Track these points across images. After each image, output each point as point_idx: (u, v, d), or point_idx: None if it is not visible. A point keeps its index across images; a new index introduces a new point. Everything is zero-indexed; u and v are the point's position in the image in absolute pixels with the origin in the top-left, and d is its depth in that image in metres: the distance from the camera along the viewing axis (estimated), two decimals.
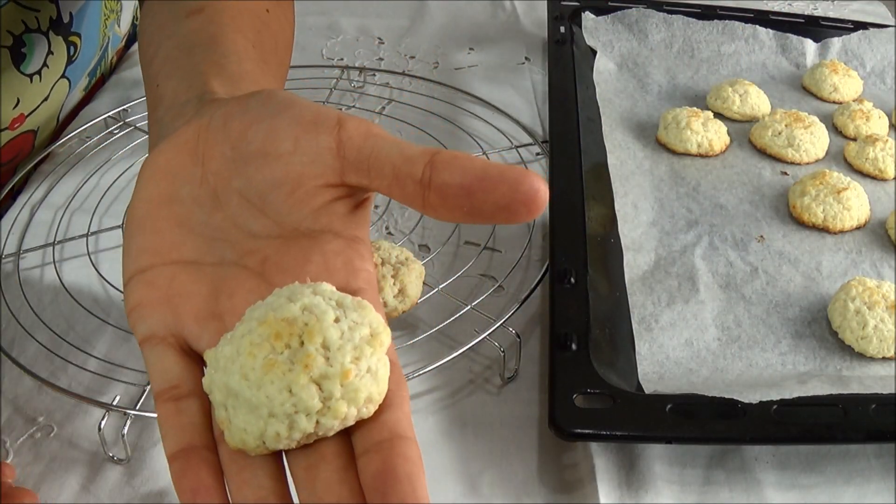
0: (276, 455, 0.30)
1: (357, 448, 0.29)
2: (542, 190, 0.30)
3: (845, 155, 0.72)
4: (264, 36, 0.49)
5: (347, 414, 0.28)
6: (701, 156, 0.71)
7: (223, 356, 0.30)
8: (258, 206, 0.34)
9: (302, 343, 0.29)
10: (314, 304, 0.29)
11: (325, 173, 0.33)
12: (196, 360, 0.33)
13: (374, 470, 0.27)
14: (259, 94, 0.36)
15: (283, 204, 0.34)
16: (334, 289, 0.31)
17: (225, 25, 0.46)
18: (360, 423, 0.29)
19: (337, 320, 0.29)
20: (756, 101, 0.77)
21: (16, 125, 0.67)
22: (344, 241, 0.34)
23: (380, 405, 0.29)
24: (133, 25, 0.88)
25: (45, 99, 0.69)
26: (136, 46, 0.87)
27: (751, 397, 0.45)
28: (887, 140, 0.70)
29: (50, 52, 0.67)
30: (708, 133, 0.71)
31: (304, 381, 0.28)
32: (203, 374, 0.31)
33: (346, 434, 0.29)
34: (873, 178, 0.69)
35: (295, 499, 0.29)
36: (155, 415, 0.48)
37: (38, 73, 0.66)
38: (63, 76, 0.70)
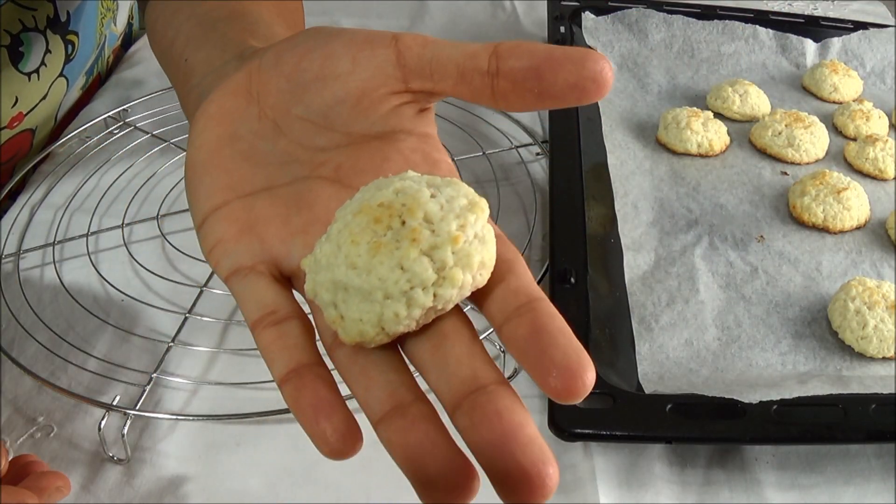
0: (394, 349, 0.29)
1: (496, 319, 0.28)
2: (607, 67, 0.30)
3: (845, 155, 0.72)
4: (282, 9, 0.49)
5: (464, 281, 0.28)
6: (701, 156, 0.71)
7: (323, 255, 0.29)
8: (322, 124, 0.34)
9: (403, 222, 0.28)
10: (406, 187, 0.29)
11: (387, 83, 0.33)
12: (287, 285, 0.32)
13: (524, 333, 0.27)
14: (307, 30, 0.35)
15: (348, 116, 0.33)
16: (419, 174, 0.30)
17: None
18: (490, 293, 0.28)
19: (433, 196, 0.29)
20: (756, 101, 0.77)
21: (14, 124, 0.67)
22: (417, 137, 0.34)
23: (503, 273, 0.29)
24: (129, 25, 0.88)
25: (44, 97, 0.69)
26: (134, 47, 0.87)
27: (751, 397, 0.45)
28: (887, 140, 0.70)
29: (48, 51, 0.67)
30: (708, 133, 0.71)
31: (415, 255, 0.27)
32: (295, 301, 0.31)
33: (461, 313, 0.29)
34: (873, 178, 0.69)
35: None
36: (154, 415, 0.48)
37: (37, 71, 0.67)
38: (61, 75, 0.70)
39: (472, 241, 0.28)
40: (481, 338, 0.54)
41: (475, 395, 0.26)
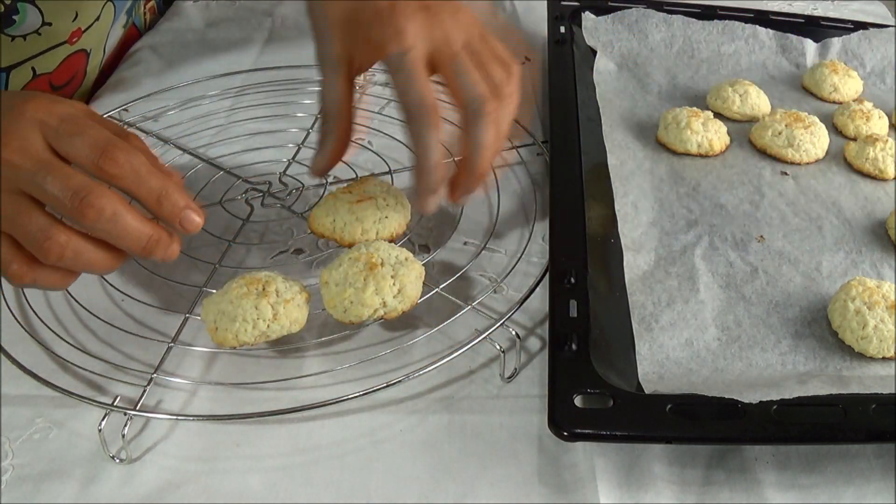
0: None
1: None
2: None
3: (845, 155, 0.72)
4: None
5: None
6: (701, 156, 0.71)
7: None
8: None
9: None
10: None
11: None
12: None
13: None
14: None
15: None
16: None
17: None
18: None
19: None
20: (756, 101, 0.77)
21: (74, 39, 0.72)
22: None
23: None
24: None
25: (97, 19, 0.74)
26: (134, 47, 0.87)
27: (751, 397, 0.45)
28: (887, 140, 0.70)
29: None
30: (708, 133, 0.71)
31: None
32: None
33: None
34: (873, 178, 0.69)
35: None
36: (154, 415, 0.49)
37: None
38: (109, 0, 0.76)
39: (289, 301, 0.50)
40: (481, 337, 0.54)
41: None
